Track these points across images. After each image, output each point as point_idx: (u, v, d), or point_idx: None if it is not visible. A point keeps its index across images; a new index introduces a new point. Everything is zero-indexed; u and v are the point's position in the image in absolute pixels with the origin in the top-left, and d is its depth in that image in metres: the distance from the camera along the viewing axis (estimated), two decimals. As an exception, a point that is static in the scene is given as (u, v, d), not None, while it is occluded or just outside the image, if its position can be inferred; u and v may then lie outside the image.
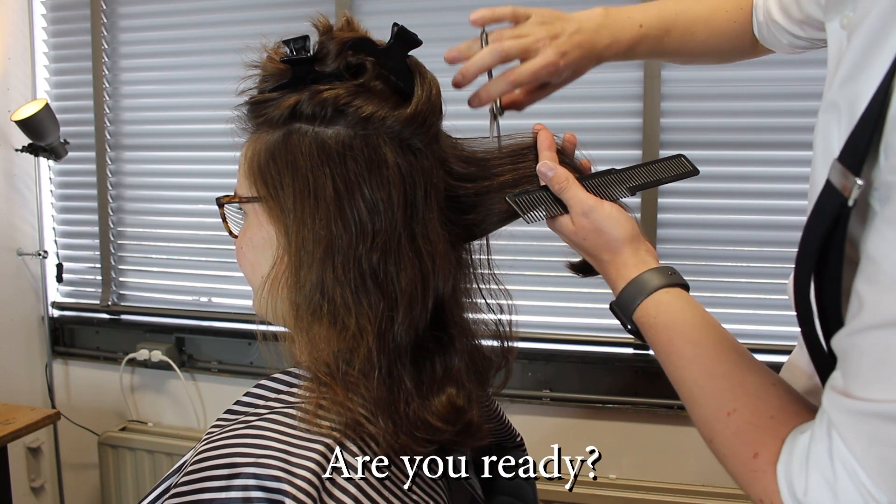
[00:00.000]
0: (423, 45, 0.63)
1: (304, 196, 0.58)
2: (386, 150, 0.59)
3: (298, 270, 0.59)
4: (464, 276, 0.68)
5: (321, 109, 0.59)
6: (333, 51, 0.60)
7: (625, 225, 0.66)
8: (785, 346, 1.76)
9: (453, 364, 0.62)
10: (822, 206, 0.48)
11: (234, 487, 0.51)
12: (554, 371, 1.93)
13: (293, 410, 0.57)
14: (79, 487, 2.37)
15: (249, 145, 0.63)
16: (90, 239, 2.32)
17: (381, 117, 0.59)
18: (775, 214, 1.77)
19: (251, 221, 0.63)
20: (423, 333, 0.60)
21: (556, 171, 0.68)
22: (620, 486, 1.85)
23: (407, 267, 0.58)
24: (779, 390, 0.55)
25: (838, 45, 0.58)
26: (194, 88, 2.16)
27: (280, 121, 0.60)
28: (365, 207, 0.57)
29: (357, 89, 0.59)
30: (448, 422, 0.59)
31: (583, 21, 0.77)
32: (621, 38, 0.80)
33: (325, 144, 0.58)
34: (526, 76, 0.73)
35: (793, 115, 1.74)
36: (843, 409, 0.45)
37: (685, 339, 0.60)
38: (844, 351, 0.46)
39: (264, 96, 0.61)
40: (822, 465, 0.46)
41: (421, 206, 0.60)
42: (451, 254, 0.63)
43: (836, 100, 0.52)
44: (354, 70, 0.61)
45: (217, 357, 2.20)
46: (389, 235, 0.58)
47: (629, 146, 1.85)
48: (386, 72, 0.61)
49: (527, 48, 0.73)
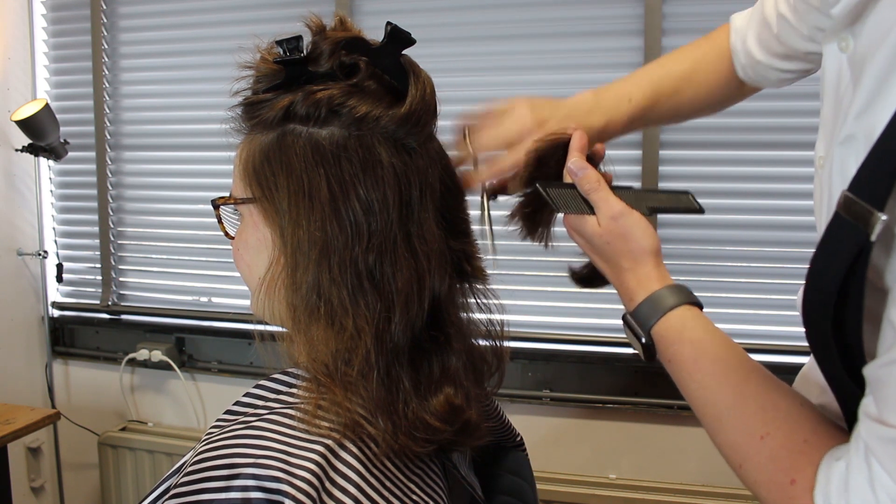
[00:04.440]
0: (418, 44, 0.63)
1: (298, 197, 0.58)
2: (381, 150, 0.59)
3: (294, 272, 0.59)
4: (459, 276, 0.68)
5: (315, 110, 0.58)
6: (327, 51, 0.60)
7: (653, 236, 0.65)
8: (785, 346, 1.76)
9: (451, 364, 0.62)
10: (837, 240, 0.47)
11: (233, 488, 0.51)
12: (554, 371, 1.93)
13: (293, 411, 0.57)
14: (79, 487, 2.37)
15: (244, 146, 0.63)
16: (90, 239, 2.32)
17: (376, 117, 0.59)
18: (775, 214, 1.77)
19: (247, 222, 0.63)
20: (419, 333, 0.60)
21: (587, 171, 0.67)
22: (620, 486, 1.85)
23: (403, 267, 0.58)
24: (808, 412, 0.54)
25: (837, 68, 0.57)
26: (194, 88, 2.16)
27: (274, 122, 0.60)
28: (360, 208, 0.57)
29: (351, 89, 0.59)
30: (446, 421, 0.59)
31: (573, 107, 0.77)
32: (615, 117, 0.79)
33: (319, 145, 0.58)
34: (507, 167, 0.73)
35: (793, 115, 1.74)
36: (881, 437, 0.45)
37: (712, 357, 0.58)
38: (879, 380, 0.46)
39: (258, 97, 0.61)
40: (864, 493, 0.46)
41: (416, 206, 0.60)
42: (446, 253, 0.63)
43: (854, 132, 0.51)
44: (348, 70, 0.60)
45: (217, 357, 2.20)
46: (385, 236, 0.58)
47: (629, 146, 1.85)
48: (380, 71, 0.61)
49: (510, 140, 0.73)
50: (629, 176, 1.85)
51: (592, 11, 1.85)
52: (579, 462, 1.92)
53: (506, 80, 1.90)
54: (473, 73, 1.92)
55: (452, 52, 1.92)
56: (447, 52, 1.92)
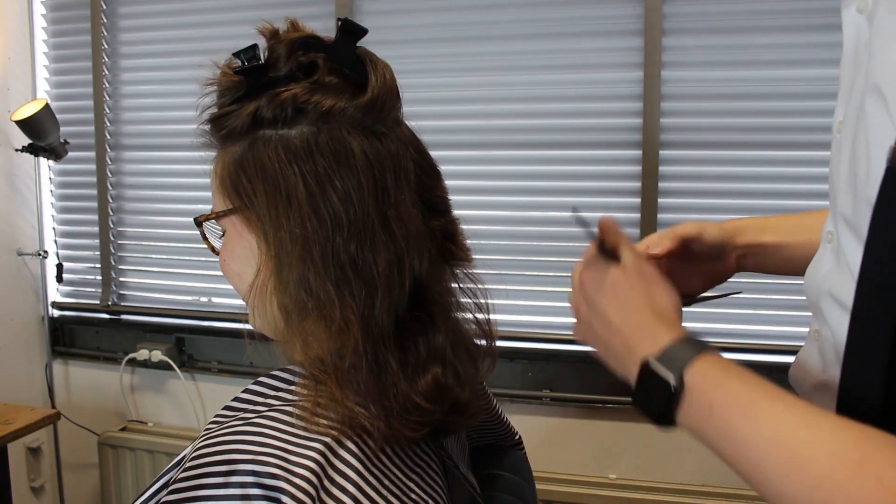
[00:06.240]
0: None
1: (276, 199, 0.59)
2: (351, 140, 0.59)
3: (281, 272, 0.59)
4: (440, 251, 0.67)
5: (281, 112, 0.59)
6: (283, 53, 0.61)
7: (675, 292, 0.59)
8: (785, 346, 1.76)
9: (437, 343, 0.63)
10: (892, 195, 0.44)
11: (232, 484, 0.51)
12: (554, 371, 1.93)
13: (291, 408, 0.57)
14: (79, 487, 2.37)
15: (218, 161, 0.64)
16: (90, 239, 2.32)
17: (341, 109, 0.59)
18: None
19: (230, 234, 0.64)
20: (403, 315, 0.61)
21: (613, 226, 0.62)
22: (620, 486, 1.85)
23: (381, 251, 0.59)
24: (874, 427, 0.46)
25: (856, 31, 0.56)
26: (194, 88, 2.15)
27: (243, 130, 0.61)
28: (338, 199, 0.58)
29: (313, 87, 0.60)
30: (435, 401, 0.60)
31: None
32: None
33: (290, 144, 0.59)
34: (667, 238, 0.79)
35: (793, 115, 1.73)
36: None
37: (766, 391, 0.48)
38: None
39: (224, 110, 0.62)
40: None
41: (392, 190, 0.60)
42: (425, 233, 0.63)
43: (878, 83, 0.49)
44: (307, 69, 0.61)
45: (217, 357, 2.20)
46: (363, 223, 0.58)
47: (629, 146, 1.85)
48: (338, 65, 0.61)
49: None
50: (629, 176, 1.86)
51: (592, 11, 1.85)
52: (579, 462, 1.92)
53: (506, 81, 1.90)
54: (473, 74, 1.91)
55: (452, 52, 1.91)
56: (447, 52, 1.91)
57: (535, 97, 1.89)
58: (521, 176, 1.93)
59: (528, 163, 1.92)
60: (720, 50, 1.77)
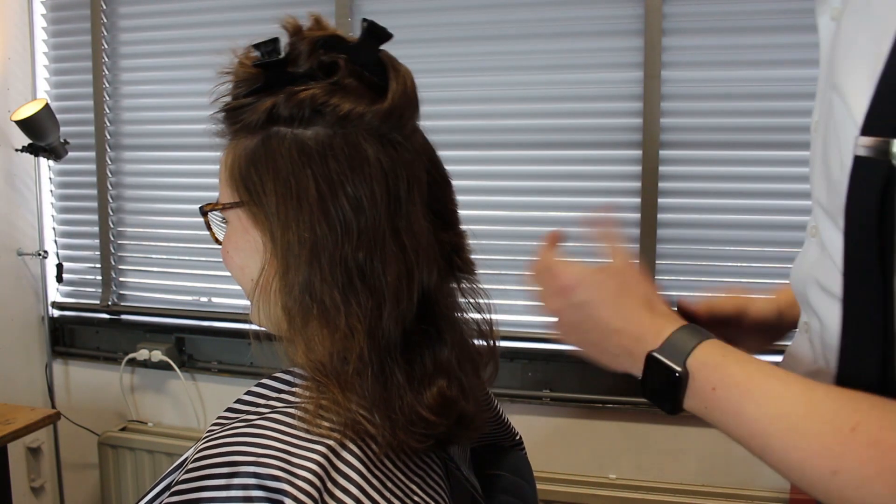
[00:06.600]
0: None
1: (286, 199, 0.58)
2: (366, 147, 0.58)
3: (286, 273, 0.58)
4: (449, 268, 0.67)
5: (298, 111, 0.58)
6: (305, 51, 0.60)
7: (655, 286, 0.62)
8: (784, 345, 1.76)
9: (443, 356, 0.62)
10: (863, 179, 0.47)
11: (234, 486, 0.51)
12: (554, 371, 1.93)
13: (294, 410, 0.57)
14: (79, 487, 2.37)
15: (228, 152, 0.63)
16: (90, 239, 2.32)
17: (359, 114, 0.58)
18: (775, 214, 1.77)
19: (235, 227, 0.63)
20: (410, 327, 0.60)
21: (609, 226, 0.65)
22: (620, 486, 1.85)
23: (392, 262, 0.58)
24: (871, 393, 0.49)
25: (830, 36, 0.58)
26: (195, 88, 2.16)
27: (258, 125, 0.60)
28: (349, 206, 0.57)
29: (332, 88, 0.59)
30: (441, 414, 0.59)
31: None
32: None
33: (305, 146, 0.58)
34: None
35: (793, 115, 1.73)
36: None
37: (764, 370, 0.52)
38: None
39: (239, 102, 0.61)
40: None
41: (404, 200, 0.59)
42: (435, 245, 0.63)
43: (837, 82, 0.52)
44: (328, 69, 0.60)
45: (217, 357, 2.20)
46: (374, 232, 0.58)
47: (629, 146, 1.85)
48: (359, 68, 0.60)
49: None
50: (629, 176, 1.86)
51: (592, 11, 1.85)
52: (579, 462, 1.92)
53: (506, 81, 1.90)
54: (473, 74, 1.91)
55: (452, 52, 1.91)
56: (447, 52, 1.91)
57: (535, 97, 1.89)
58: (521, 176, 1.93)
59: (529, 163, 1.92)
60: (720, 50, 1.78)
